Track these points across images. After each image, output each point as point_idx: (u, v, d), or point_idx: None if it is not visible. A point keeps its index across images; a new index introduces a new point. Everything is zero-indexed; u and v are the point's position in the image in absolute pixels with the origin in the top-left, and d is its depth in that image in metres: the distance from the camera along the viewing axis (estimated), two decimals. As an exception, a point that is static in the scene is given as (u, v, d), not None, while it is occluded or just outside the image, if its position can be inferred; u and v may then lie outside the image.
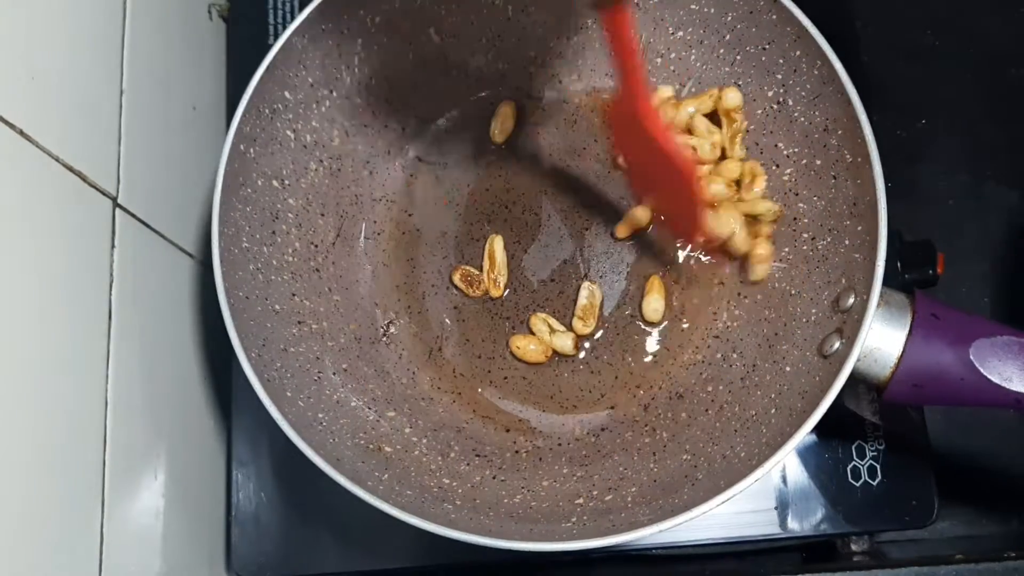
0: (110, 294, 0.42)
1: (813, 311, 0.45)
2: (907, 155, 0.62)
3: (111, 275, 0.42)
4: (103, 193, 0.41)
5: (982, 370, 0.40)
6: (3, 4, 0.35)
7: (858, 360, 0.40)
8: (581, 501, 0.45)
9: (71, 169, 0.38)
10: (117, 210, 0.43)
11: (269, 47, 0.46)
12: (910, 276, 0.52)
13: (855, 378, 0.41)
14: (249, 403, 0.51)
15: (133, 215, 0.44)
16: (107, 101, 0.43)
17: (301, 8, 0.47)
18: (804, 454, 0.52)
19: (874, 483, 0.51)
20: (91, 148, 0.41)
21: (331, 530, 0.51)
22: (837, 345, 0.42)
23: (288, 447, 0.51)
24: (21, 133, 0.35)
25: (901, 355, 0.41)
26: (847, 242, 0.44)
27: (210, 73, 0.58)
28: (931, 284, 0.53)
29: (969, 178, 0.63)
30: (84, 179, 0.40)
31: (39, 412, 0.35)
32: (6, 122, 0.34)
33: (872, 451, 0.52)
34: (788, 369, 0.45)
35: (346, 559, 0.50)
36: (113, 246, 0.42)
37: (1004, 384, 0.39)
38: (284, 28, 0.55)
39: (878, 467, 0.51)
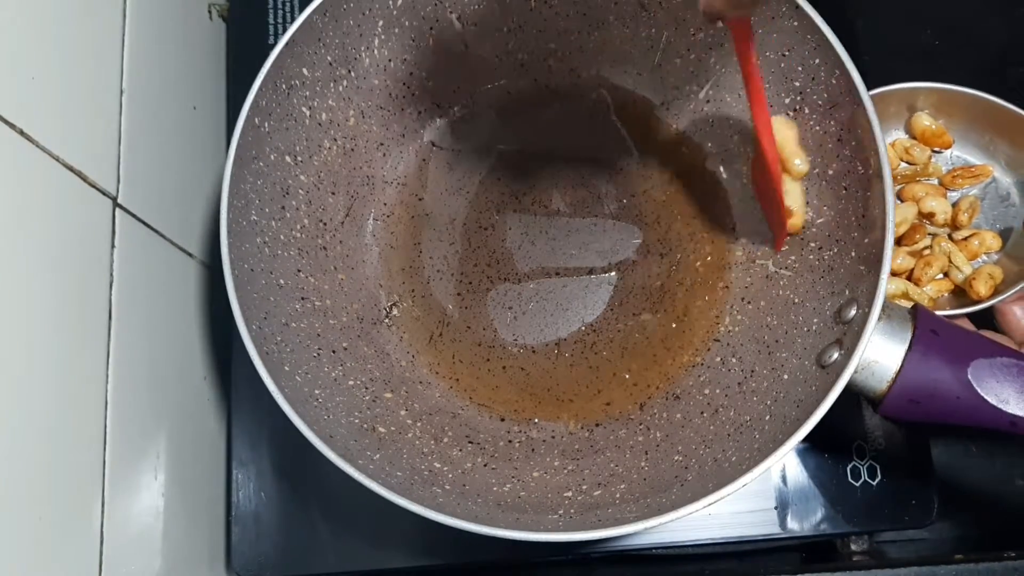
0: (110, 294, 0.42)
1: (815, 320, 0.45)
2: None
3: (111, 275, 0.42)
4: (103, 193, 0.42)
5: (979, 390, 0.40)
6: (3, 4, 0.35)
7: (856, 372, 0.40)
8: (570, 494, 0.45)
9: (71, 169, 0.39)
10: (117, 210, 0.43)
11: (269, 47, 0.46)
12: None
13: (852, 390, 0.41)
14: (249, 401, 0.52)
15: (133, 215, 0.44)
16: (107, 101, 0.43)
17: (301, 8, 0.47)
18: (804, 454, 0.52)
19: (874, 483, 0.51)
20: (91, 148, 0.41)
21: (331, 530, 0.51)
22: (836, 356, 0.42)
23: (287, 445, 0.51)
24: (21, 133, 0.35)
25: (899, 370, 0.41)
26: (853, 254, 0.44)
27: (210, 73, 0.58)
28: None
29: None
30: (84, 179, 0.40)
31: (39, 412, 0.35)
32: (6, 122, 0.34)
33: (872, 451, 0.52)
34: (786, 377, 0.45)
35: (346, 559, 0.51)
36: (113, 246, 0.42)
37: (1000, 405, 0.39)
38: (284, 28, 0.55)
39: (878, 467, 0.51)
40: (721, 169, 0.53)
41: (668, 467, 0.45)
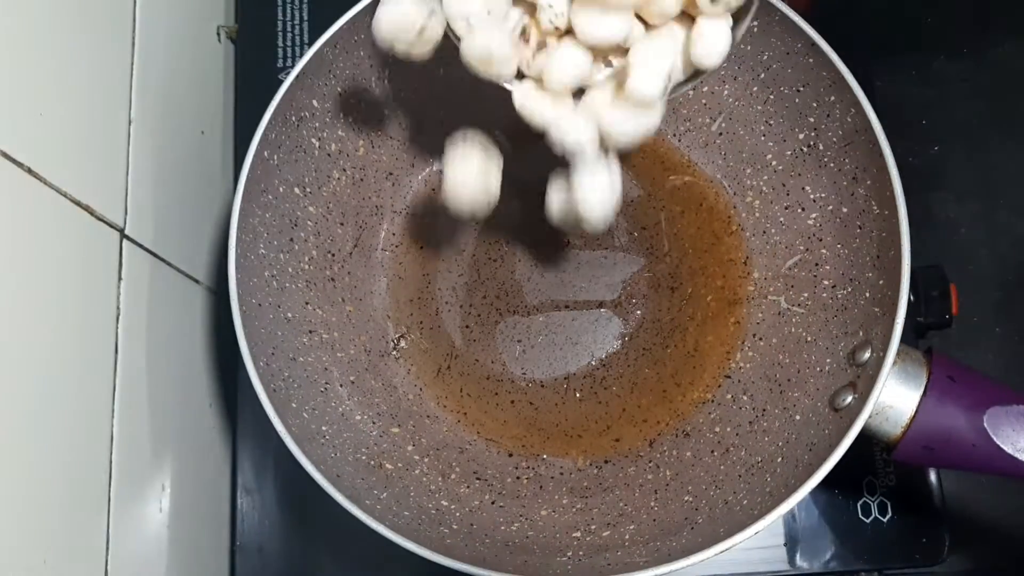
0: (116, 327, 0.41)
1: (828, 361, 0.45)
2: (919, 182, 0.60)
3: (118, 307, 0.41)
4: (111, 225, 0.41)
5: (995, 438, 0.39)
6: (11, 42, 0.34)
7: (869, 417, 0.40)
8: (578, 535, 0.45)
9: (79, 204, 0.38)
10: (124, 241, 0.42)
11: (278, 69, 0.45)
12: (924, 319, 0.52)
13: (864, 435, 0.40)
14: (254, 429, 0.51)
15: (140, 245, 0.44)
16: (115, 132, 0.43)
17: (311, 29, 0.46)
18: (814, 490, 0.50)
19: (884, 520, 0.51)
20: (99, 181, 0.41)
21: (335, 559, 0.50)
22: (849, 399, 0.41)
23: (292, 474, 0.50)
24: (29, 171, 0.34)
25: (913, 416, 0.40)
26: (867, 295, 0.44)
27: (218, 96, 0.58)
28: (946, 326, 0.53)
29: (982, 206, 0.61)
30: (92, 213, 0.39)
31: (45, 447, 0.35)
32: (14, 161, 0.33)
33: (882, 487, 0.51)
34: (798, 418, 0.45)
35: (350, 588, 0.50)
36: (120, 278, 0.42)
37: (1017, 455, 0.39)
38: (293, 50, 0.55)
39: (888, 504, 0.51)
40: (733, 202, 0.52)
41: (678, 508, 0.45)
